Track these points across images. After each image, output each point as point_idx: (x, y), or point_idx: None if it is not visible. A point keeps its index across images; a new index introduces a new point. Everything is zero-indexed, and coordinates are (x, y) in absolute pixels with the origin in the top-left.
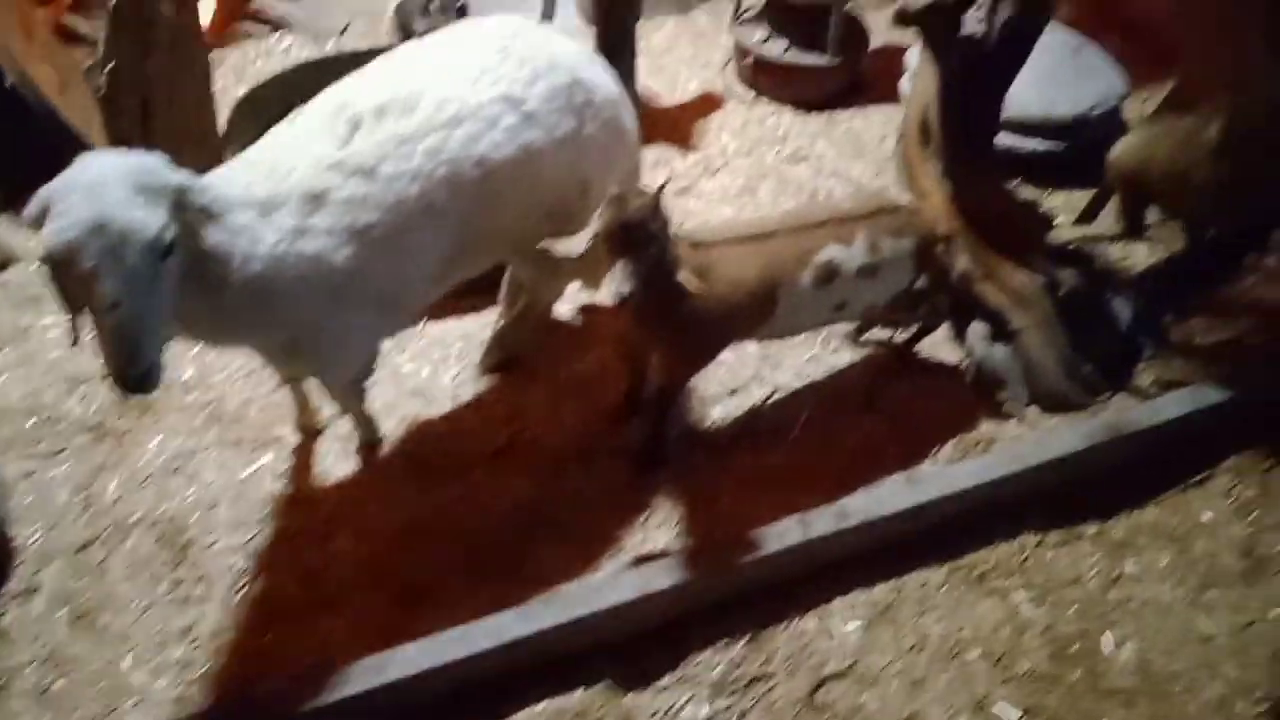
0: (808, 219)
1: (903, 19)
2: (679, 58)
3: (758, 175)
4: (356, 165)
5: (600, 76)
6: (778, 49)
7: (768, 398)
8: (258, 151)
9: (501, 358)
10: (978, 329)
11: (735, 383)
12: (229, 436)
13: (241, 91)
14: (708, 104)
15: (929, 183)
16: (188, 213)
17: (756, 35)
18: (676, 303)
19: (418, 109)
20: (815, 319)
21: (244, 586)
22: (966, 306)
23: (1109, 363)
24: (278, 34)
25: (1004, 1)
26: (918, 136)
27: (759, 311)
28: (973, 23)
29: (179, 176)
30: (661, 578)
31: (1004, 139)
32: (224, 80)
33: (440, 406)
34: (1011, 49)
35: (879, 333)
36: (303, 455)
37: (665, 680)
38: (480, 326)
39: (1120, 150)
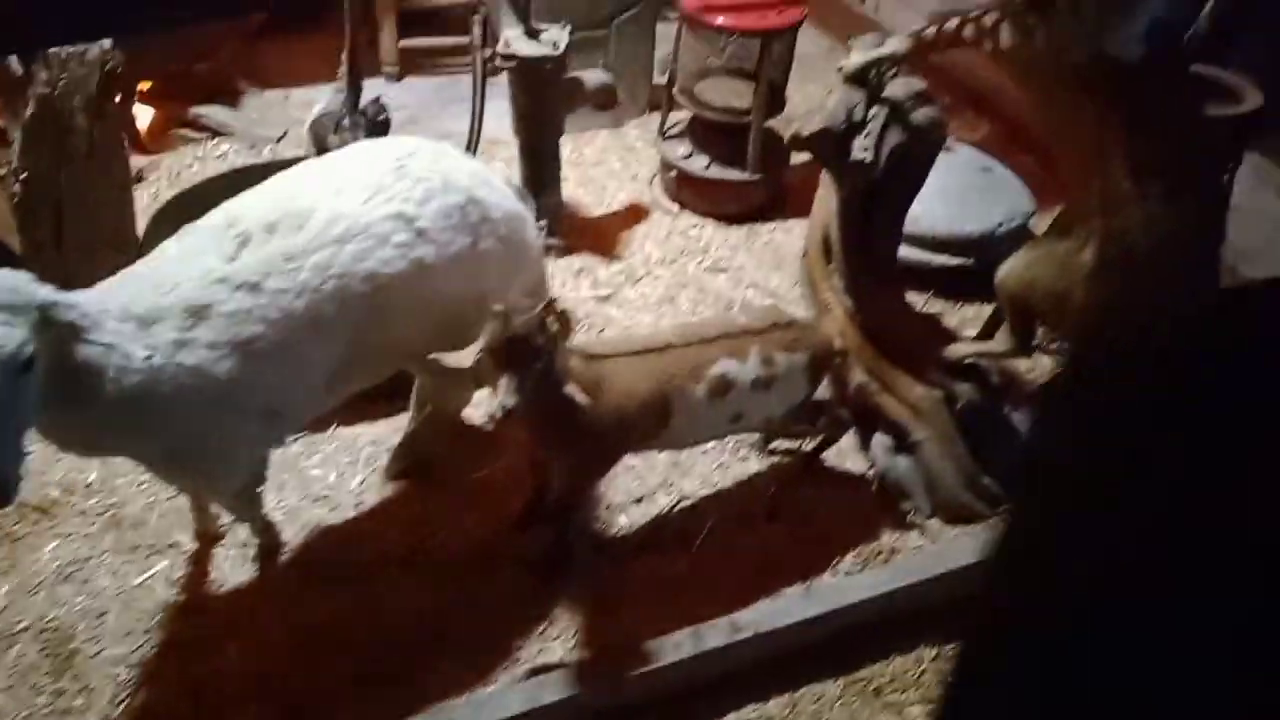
0: (703, 333)
1: (794, 144)
2: (608, 170)
3: (678, 284)
4: (242, 280)
5: (496, 195)
6: (700, 164)
7: (673, 506)
8: (144, 265)
9: (408, 463)
10: (881, 440)
11: (643, 490)
12: (126, 542)
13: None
14: (633, 215)
15: (830, 297)
16: (53, 329)
17: (680, 151)
18: (567, 415)
19: (307, 225)
20: (712, 430)
21: (126, 699)
22: (870, 417)
23: (1012, 475)
24: (215, 140)
25: (891, 129)
26: (820, 252)
27: (654, 423)
28: (859, 149)
29: (43, 293)
30: (551, 692)
31: (916, 254)
32: (158, 185)
33: (344, 513)
34: (906, 172)
35: (788, 441)
36: (199, 562)
37: None
38: (391, 431)
39: (1005, 271)
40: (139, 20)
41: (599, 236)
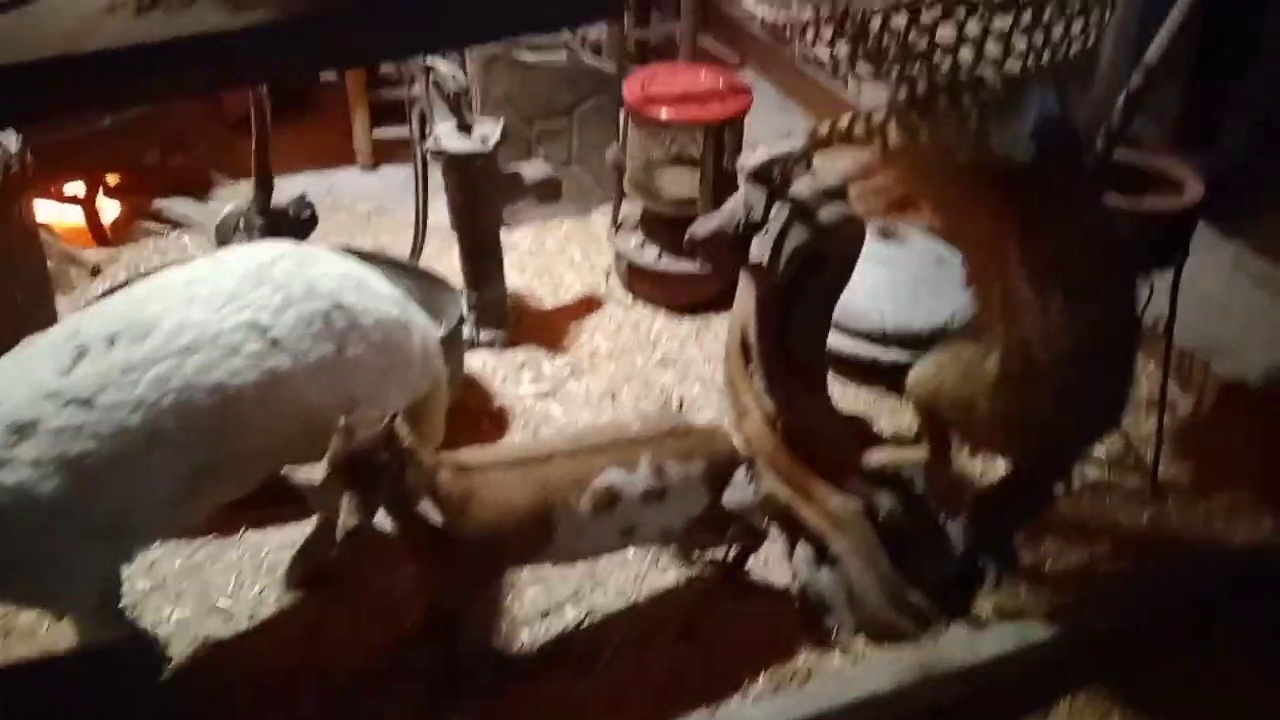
0: (589, 442)
1: (690, 247)
2: (568, 260)
3: (623, 379)
4: (73, 395)
5: (370, 299)
6: (651, 256)
7: (581, 621)
8: None
9: (309, 571)
10: (803, 551)
11: (549, 603)
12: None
13: None
14: (586, 306)
15: (749, 400)
16: None
17: (632, 242)
18: (424, 534)
19: (150, 336)
20: (601, 545)
21: None
22: (793, 526)
23: (945, 590)
24: (177, 232)
25: (796, 228)
26: (739, 353)
27: (535, 538)
28: (756, 250)
29: None
30: None
31: (864, 349)
32: (114, 279)
33: (238, 625)
34: (822, 271)
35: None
36: None
37: None
38: (302, 534)
39: (914, 374)
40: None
41: (548, 329)
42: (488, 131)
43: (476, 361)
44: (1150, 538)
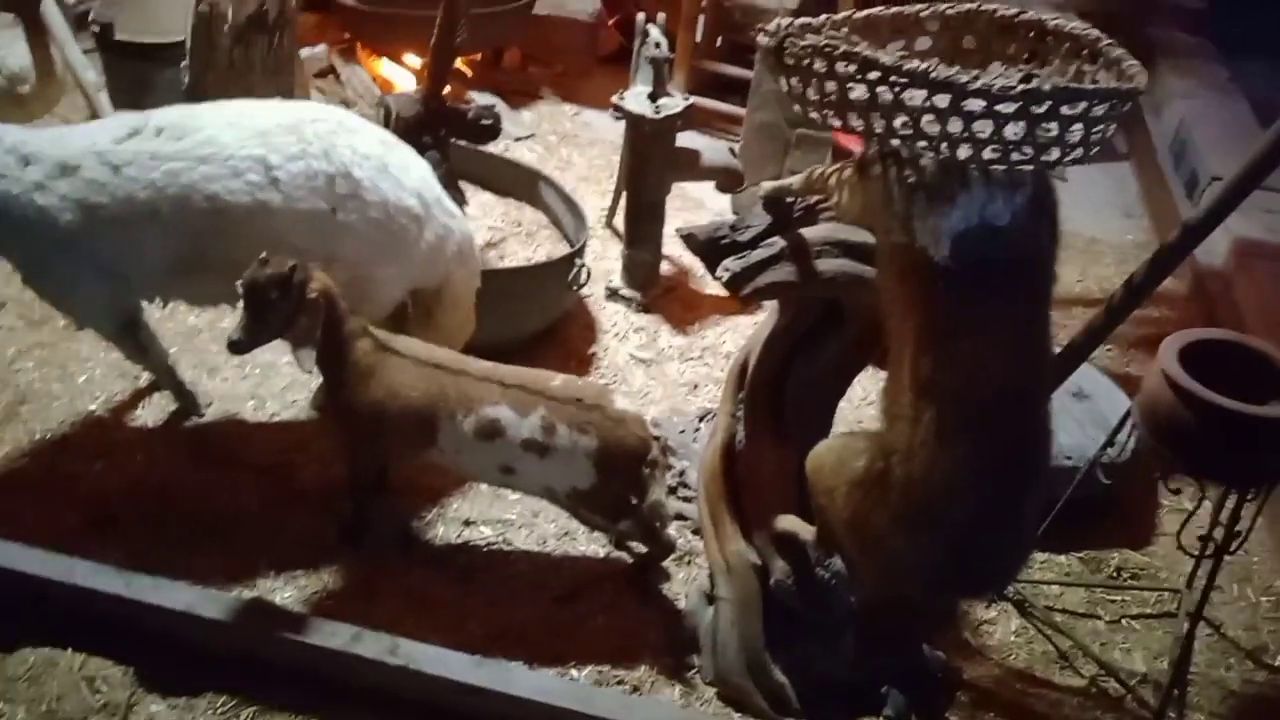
0: (500, 375)
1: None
2: None
3: (717, 380)
4: (109, 159)
5: (384, 183)
6: None
7: (490, 544)
8: (79, 125)
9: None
10: (700, 583)
11: (476, 517)
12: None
13: None
14: (735, 302)
15: (722, 420)
16: None
17: None
18: (336, 388)
19: (183, 139)
20: (484, 473)
21: None
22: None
23: (833, 694)
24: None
25: (780, 265)
26: (737, 375)
27: (416, 435)
28: (722, 266)
29: None
30: (212, 608)
31: None
32: None
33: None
34: (837, 329)
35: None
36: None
37: None
38: None
39: (814, 449)
40: None
41: (692, 310)
42: (670, 104)
43: (608, 311)
44: None
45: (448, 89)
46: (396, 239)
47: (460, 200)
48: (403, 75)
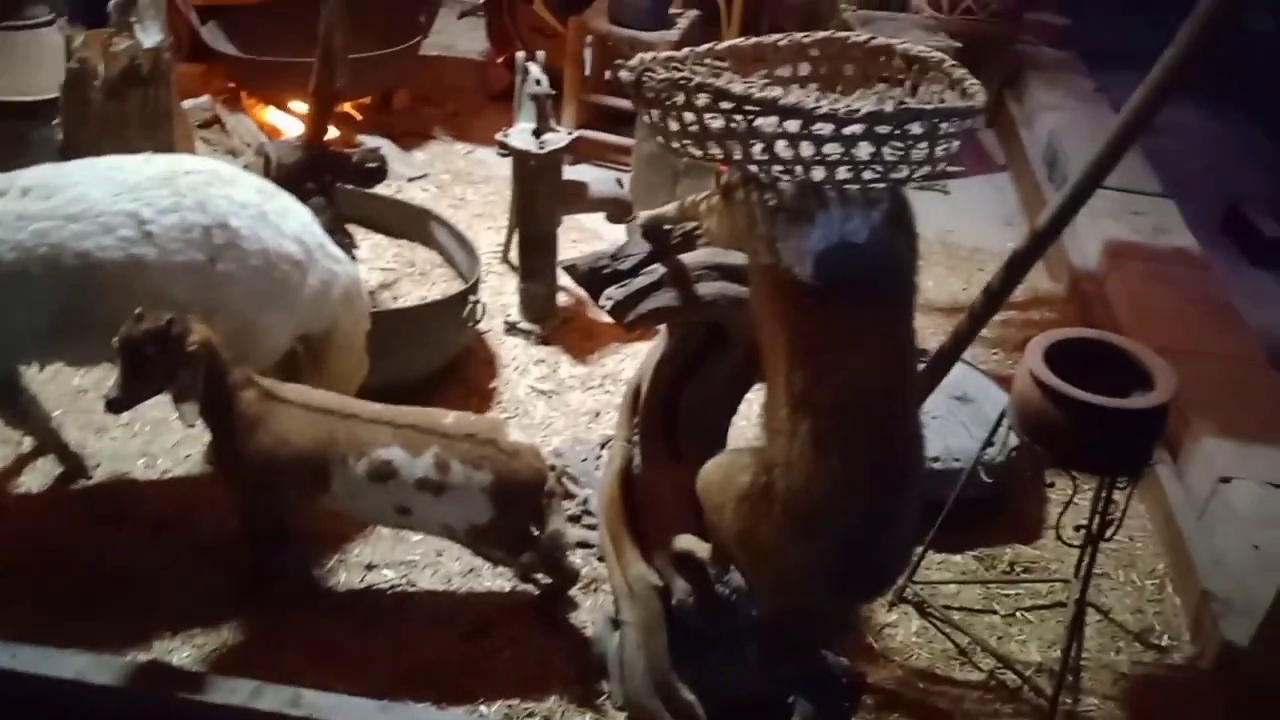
0: (390, 416)
1: (571, 276)
2: None
3: (616, 406)
4: None
5: (264, 232)
6: None
7: (394, 585)
8: None
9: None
10: (606, 608)
11: (379, 561)
12: None
13: None
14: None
15: (618, 447)
16: None
17: None
18: (224, 440)
19: (52, 198)
20: (381, 515)
21: None
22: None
23: (741, 708)
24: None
25: (661, 291)
26: (631, 399)
27: (310, 481)
28: (605, 296)
29: None
30: (108, 675)
31: None
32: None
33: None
34: (724, 351)
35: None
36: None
37: None
38: None
39: (704, 467)
40: None
41: (591, 339)
42: (554, 139)
43: (506, 344)
44: None
45: (337, 134)
46: (279, 286)
47: (350, 244)
48: (289, 121)
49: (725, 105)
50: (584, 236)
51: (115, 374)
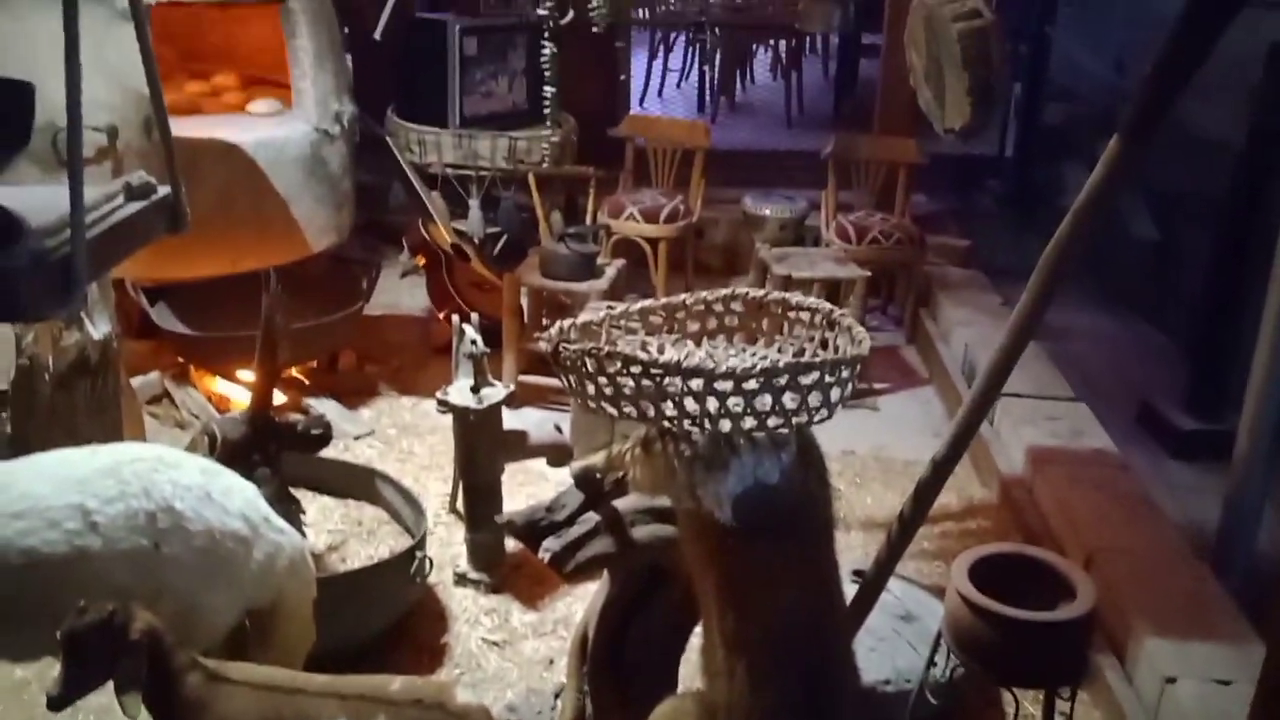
0: (337, 687)
1: (509, 532)
2: None
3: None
4: None
5: (209, 512)
6: None
7: None
8: None
9: None
10: None
11: None
12: None
13: None
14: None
15: (571, 695)
16: None
17: None
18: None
19: None
20: None
21: None
22: None
23: None
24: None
25: (598, 539)
26: (578, 648)
27: None
28: (544, 547)
29: None
30: None
31: None
32: None
33: None
34: (665, 590)
35: None
36: None
37: None
38: None
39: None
40: None
41: (542, 585)
42: (492, 394)
43: (456, 596)
44: None
45: (285, 399)
46: (225, 563)
47: (297, 511)
48: (238, 391)
49: (634, 370)
50: (530, 479)
51: (57, 667)
